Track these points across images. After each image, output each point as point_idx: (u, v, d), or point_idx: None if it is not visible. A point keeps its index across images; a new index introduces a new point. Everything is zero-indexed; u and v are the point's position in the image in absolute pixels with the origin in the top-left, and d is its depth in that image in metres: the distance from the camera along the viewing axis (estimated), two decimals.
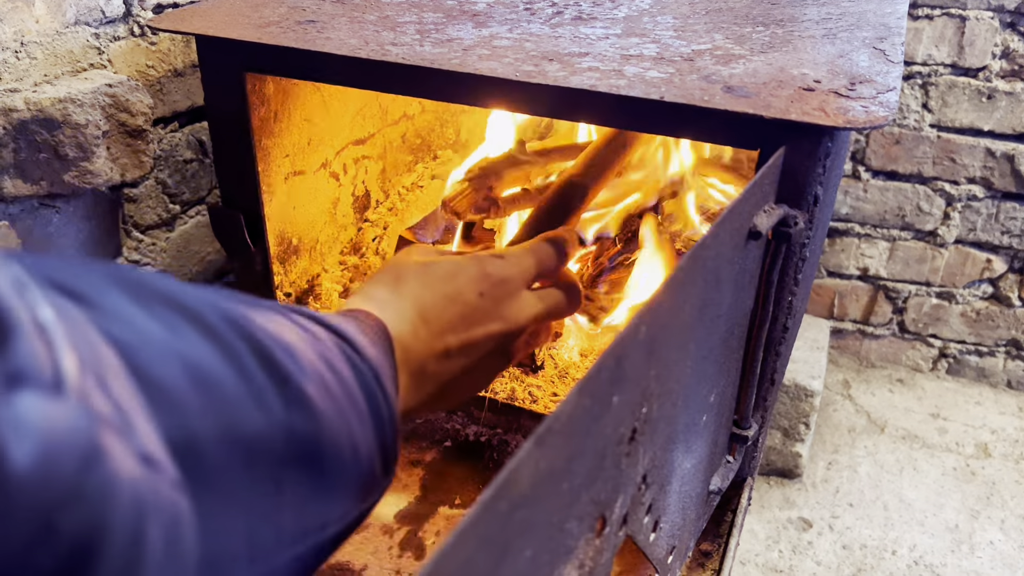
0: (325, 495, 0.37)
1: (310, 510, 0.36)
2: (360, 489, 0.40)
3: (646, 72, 0.66)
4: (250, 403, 0.32)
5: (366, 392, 0.41)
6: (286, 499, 0.34)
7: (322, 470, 0.36)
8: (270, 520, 0.34)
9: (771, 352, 0.71)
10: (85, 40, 0.95)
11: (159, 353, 0.29)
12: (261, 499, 0.33)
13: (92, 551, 0.23)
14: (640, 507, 0.51)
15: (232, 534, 0.31)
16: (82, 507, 0.23)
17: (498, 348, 0.56)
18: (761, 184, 0.58)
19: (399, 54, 0.70)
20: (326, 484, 0.37)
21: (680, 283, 0.45)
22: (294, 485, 0.35)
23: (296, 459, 0.34)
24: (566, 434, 0.34)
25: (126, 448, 0.25)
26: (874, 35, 0.77)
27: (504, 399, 0.89)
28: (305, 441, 0.35)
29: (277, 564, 0.34)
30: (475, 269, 0.55)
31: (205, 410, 0.30)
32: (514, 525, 0.31)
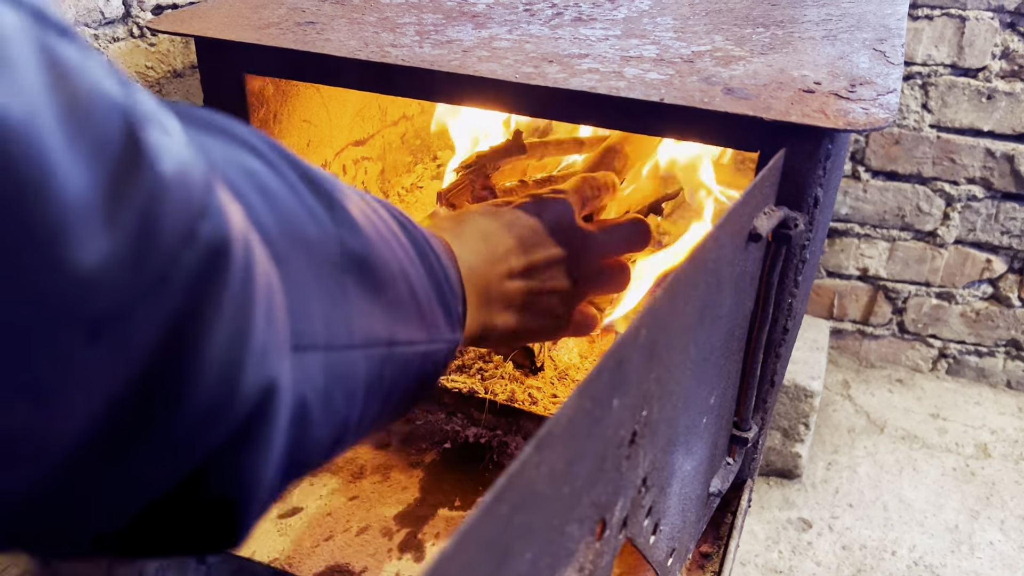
0: (385, 310, 0.39)
1: (374, 319, 0.38)
2: (421, 322, 0.43)
3: (646, 74, 0.66)
4: (302, 212, 0.35)
5: (415, 245, 0.44)
6: (352, 301, 0.37)
7: (378, 287, 0.39)
8: (341, 314, 0.36)
9: (771, 354, 0.71)
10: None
11: (221, 156, 0.32)
12: (330, 293, 0.35)
13: (223, 259, 0.26)
14: (640, 510, 0.51)
15: (310, 313, 0.34)
16: (212, 220, 0.26)
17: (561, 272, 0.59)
18: (761, 186, 0.58)
19: (399, 55, 0.70)
20: (385, 301, 0.39)
21: (681, 285, 0.45)
22: (356, 292, 0.37)
23: (353, 269, 0.37)
24: (566, 437, 0.34)
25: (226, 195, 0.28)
26: (874, 36, 0.77)
27: (504, 401, 0.88)
28: (358, 257, 0.38)
29: (350, 362, 0.36)
30: (530, 199, 0.60)
31: (264, 209, 0.33)
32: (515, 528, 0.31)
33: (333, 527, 0.78)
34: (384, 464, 0.86)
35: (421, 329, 0.43)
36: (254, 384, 0.28)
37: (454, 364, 0.94)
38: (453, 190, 1.00)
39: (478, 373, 0.93)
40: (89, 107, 0.22)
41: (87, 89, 0.22)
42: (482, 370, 0.93)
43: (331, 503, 0.81)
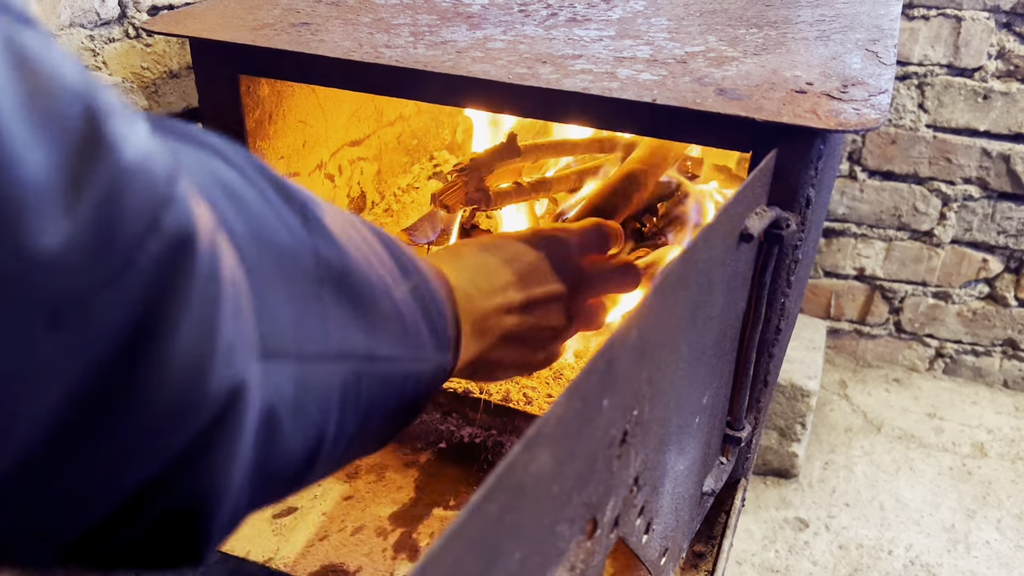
0: (364, 323, 0.38)
1: (352, 331, 0.37)
2: (404, 338, 0.41)
3: (639, 74, 0.66)
4: (274, 220, 0.34)
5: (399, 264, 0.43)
6: (328, 311, 0.36)
7: (357, 298, 0.38)
8: (316, 322, 0.35)
9: (764, 354, 0.71)
10: (80, 42, 0.95)
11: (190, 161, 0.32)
12: (303, 301, 0.34)
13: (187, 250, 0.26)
14: (632, 509, 0.51)
15: (280, 319, 0.33)
16: (175, 210, 0.25)
17: (556, 308, 0.59)
18: (753, 186, 0.58)
19: (393, 56, 0.70)
20: (363, 314, 0.38)
21: (671, 286, 0.45)
22: (333, 301, 0.36)
23: (330, 279, 0.36)
24: (556, 437, 0.35)
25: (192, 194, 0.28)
26: (867, 37, 0.77)
27: (499, 400, 0.89)
28: (335, 267, 0.37)
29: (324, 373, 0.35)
30: (532, 234, 0.60)
31: (234, 214, 0.32)
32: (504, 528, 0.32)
33: (328, 527, 0.78)
34: (379, 464, 0.86)
35: (404, 345, 0.42)
36: (221, 384, 0.28)
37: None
38: (446, 192, 1.00)
39: None
40: (50, 93, 0.22)
41: (48, 75, 0.22)
42: None
43: (326, 503, 0.81)
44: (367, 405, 0.39)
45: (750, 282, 0.65)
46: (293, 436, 0.34)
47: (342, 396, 0.37)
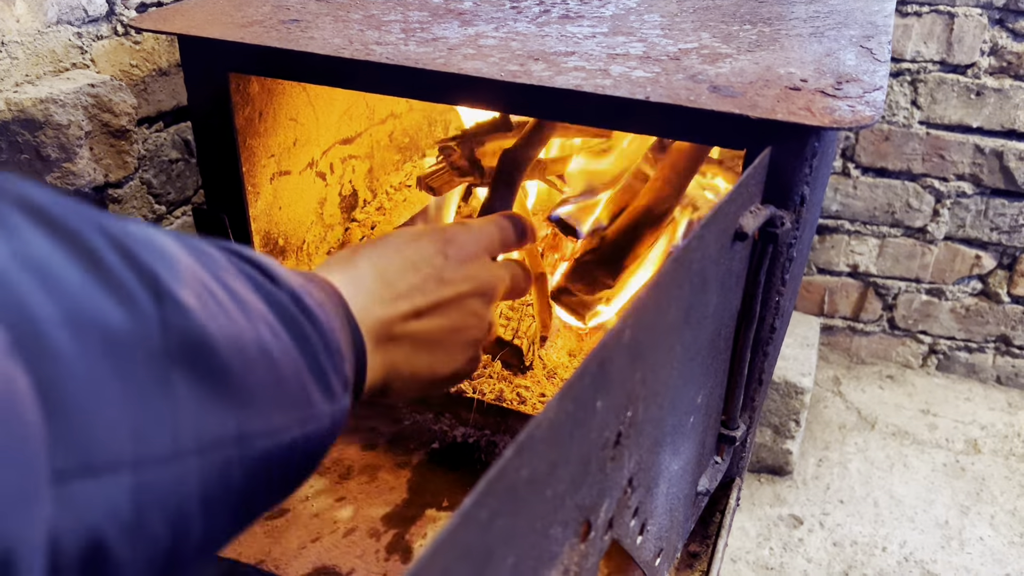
0: (232, 400, 0.33)
1: (214, 414, 0.33)
2: (290, 407, 0.37)
3: (632, 71, 0.66)
4: (105, 293, 0.29)
5: (279, 312, 0.38)
6: (180, 400, 0.31)
7: (220, 374, 0.33)
8: (162, 418, 0.30)
9: (758, 352, 0.71)
10: (67, 39, 0.94)
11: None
12: (144, 395, 0.29)
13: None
14: (626, 510, 0.51)
15: (108, 424, 0.28)
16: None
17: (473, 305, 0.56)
18: (747, 184, 0.58)
19: (383, 54, 0.69)
20: (231, 389, 0.33)
21: (665, 285, 0.44)
22: (187, 386, 0.31)
23: (183, 356, 0.31)
24: (549, 440, 0.34)
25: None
26: (861, 34, 0.77)
27: (492, 400, 0.88)
28: (190, 339, 0.32)
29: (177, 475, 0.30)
30: (436, 235, 0.56)
31: (45, 298, 0.27)
32: (495, 533, 0.31)
33: (320, 528, 0.77)
34: (371, 465, 0.85)
35: (287, 409, 0.37)
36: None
37: None
38: (432, 174, 0.99)
39: None
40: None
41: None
42: None
43: (318, 504, 0.80)
44: (244, 492, 0.35)
45: (744, 281, 0.65)
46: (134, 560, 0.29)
47: (203, 496, 0.32)
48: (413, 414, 0.92)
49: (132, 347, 0.29)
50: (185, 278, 0.33)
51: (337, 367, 0.42)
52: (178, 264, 0.33)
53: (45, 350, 0.26)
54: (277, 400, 0.36)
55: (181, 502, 0.31)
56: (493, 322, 0.59)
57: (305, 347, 0.39)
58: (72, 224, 0.30)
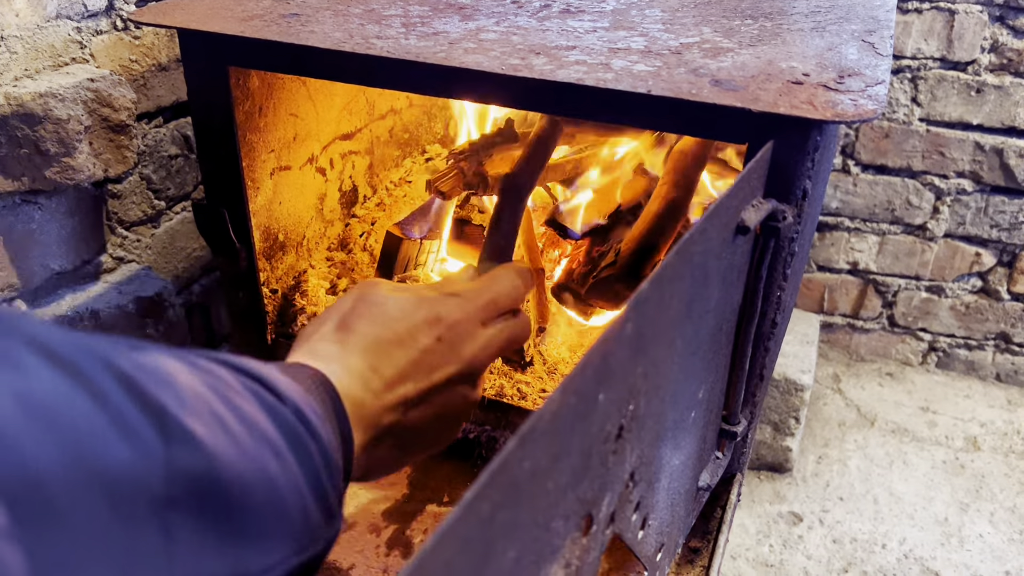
0: (235, 539, 0.33)
1: (215, 557, 0.32)
2: (291, 537, 0.37)
3: (633, 66, 0.66)
4: (110, 431, 0.29)
5: (285, 432, 0.38)
6: (180, 546, 0.30)
7: (228, 513, 0.32)
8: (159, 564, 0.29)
9: (760, 348, 0.71)
10: (67, 34, 0.93)
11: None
12: (142, 546, 0.29)
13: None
14: (628, 505, 0.50)
15: None
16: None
17: (461, 389, 0.53)
18: (749, 178, 0.57)
19: (384, 47, 0.69)
20: (233, 530, 0.33)
21: (667, 279, 0.44)
22: (189, 529, 0.31)
23: (188, 499, 0.31)
24: (551, 433, 0.34)
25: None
26: (863, 28, 0.77)
27: (493, 396, 0.88)
28: (196, 479, 0.31)
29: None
30: (428, 312, 0.52)
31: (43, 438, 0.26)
32: (497, 526, 0.31)
33: None
34: None
35: (286, 544, 0.36)
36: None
37: None
38: (441, 178, 0.99)
39: None
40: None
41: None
42: None
43: None
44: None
45: (746, 275, 0.65)
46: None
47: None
48: None
49: (135, 490, 0.29)
50: (192, 405, 0.33)
51: (336, 484, 0.41)
52: (184, 392, 0.33)
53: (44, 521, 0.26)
54: (279, 532, 0.36)
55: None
56: (478, 398, 0.57)
57: (309, 467, 0.39)
58: (80, 361, 0.29)
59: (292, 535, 0.37)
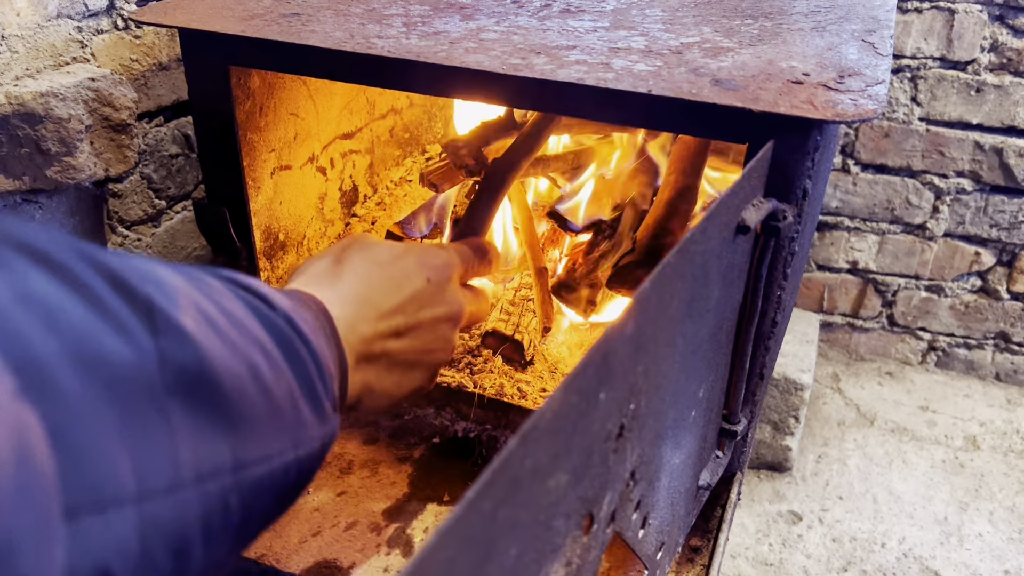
0: (229, 429, 0.34)
1: (212, 444, 0.33)
2: (282, 431, 0.38)
3: (634, 65, 0.66)
4: (104, 328, 0.30)
5: (274, 335, 0.39)
6: (177, 430, 0.32)
7: (216, 403, 0.34)
8: (161, 450, 0.31)
9: (760, 347, 0.71)
10: (67, 33, 0.94)
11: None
12: (144, 428, 0.30)
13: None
14: (628, 504, 0.51)
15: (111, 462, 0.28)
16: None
17: (443, 330, 0.58)
18: (750, 178, 0.58)
19: (385, 47, 0.69)
20: (227, 417, 0.34)
21: (668, 278, 0.44)
22: (184, 416, 0.32)
23: (181, 388, 0.32)
24: (552, 431, 0.34)
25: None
26: (863, 28, 0.77)
27: (493, 395, 0.88)
28: (188, 370, 0.33)
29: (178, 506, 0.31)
30: (419, 257, 0.57)
31: (46, 335, 0.28)
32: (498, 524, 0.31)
33: (321, 522, 0.77)
34: (372, 459, 0.85)
35: (281, 435, 0.38)
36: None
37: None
38: (433, 170, 0.99)
39: (467, 367, 0.92)
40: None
41: None
42: (471, 364, 0.93)
43: (319, 498, 0.80)
44: (240, 518, 0.35)
45: (746, 275, 0.65)
46: None
47: (205, 524, 0.33)
48: (414, 409, 0.92)
49: (132, 380, 0.30)
50: (182, 304, 0.34)
51: (328, 388, 0.43)
52: (175, 292, 0.34)
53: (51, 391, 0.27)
54: (272, 425, 0.37)
55: (183, 532, 0.31)
56: (456, 346, 0.62)
57: (300, 369, 0.40)
58: (70, 263, 0.30)
59: (285, 430, 0.38)
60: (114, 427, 0.29)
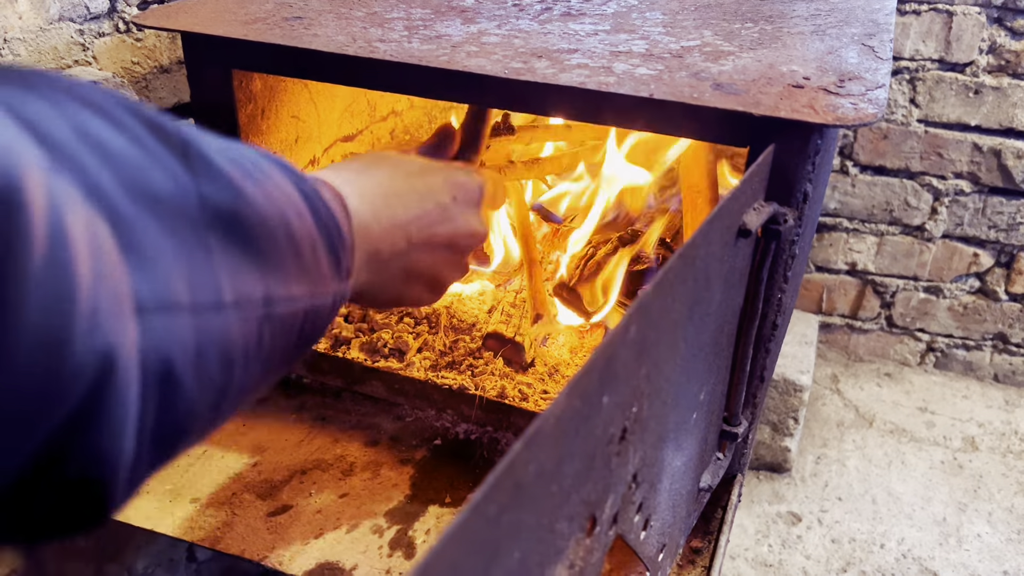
0: (260, 266, 0.37)
1: (246, 277, 0.36)
2: (303, 275, 0.40)
3: (635, 69, 0.66)
4: (149, 165, 0.32)
5: (303, 194, 0.41)
6: (217, 259, 0.34)
7: (250, 241, 0.36)
8: (207, 272, 0.33)
9: (760, 349, 0.71)
10: (69, 36, 0.94)
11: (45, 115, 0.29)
12: (191, 252, 0.33)
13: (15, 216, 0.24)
14: (631, 506, 0.51)
15: (168, 273, 0.31)
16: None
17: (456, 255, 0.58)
18: (751, 181, 0.58)
19: (387, 51, 0.69)
20: (258, 256, 0.37)
21: (670, 282, 0.45)
22: (223, 249, 0.34)
23: (218, 223, 0.34)
24: (556, 435, 0.34)
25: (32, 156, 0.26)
26: (863, 31, 0.77)
27: (494, 397, 0.88)
28: (223, 208, 0.35)
29: (223, 324, 0.34)
30: (448, 174, 0.57)
31: (100, 167, 0.30)
32: (503, 528, 0.31)
33: (323, 524, 0.78)
34: (374, 461, 0.85)
35: (303, 284, 0.40)
36: (86, 354, 0.26)
37: (445, 360, 0.94)
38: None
39: (468, 369, 0.93)
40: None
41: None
42: (472, 366, 0.93)
43: (321, 500, 0.80)
44: (268, 350, 0.38)
45: (747, 278, 0.65)
46: (196, 389, 0.33)
47: (244, 345, 0.36)
48: (415, 411, 0.92)
49: (177, 211, 0.32)
50: (221, 151, 0.36)
51: (346, 254, 0.45)
52: (211, 143, 0.37)
53: (113, 212, 0.29)
54: (297, 271, 0.39)
55: (228, 348, 0.34)
56: (467, 268, 0.61)
57: (324, 230, 0.42)
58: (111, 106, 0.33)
59: (305, 279, 0.40)
60: (166, 244, 0.31)
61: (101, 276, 0.27)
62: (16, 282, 0.24)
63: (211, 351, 0.33)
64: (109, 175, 0.30)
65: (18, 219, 0.24)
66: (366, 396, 0.94)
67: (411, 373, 0.92)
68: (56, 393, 0.26)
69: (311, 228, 0.41)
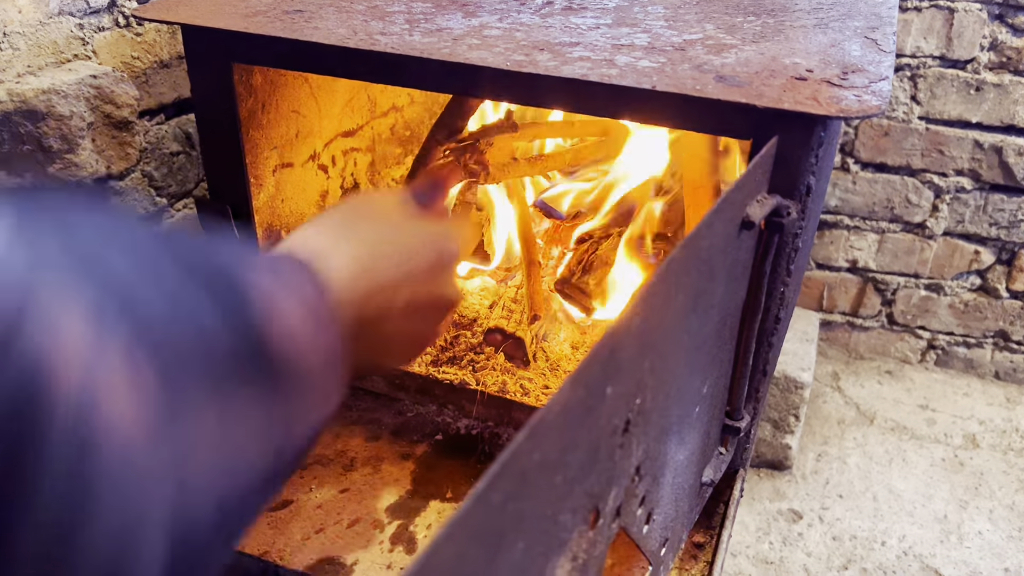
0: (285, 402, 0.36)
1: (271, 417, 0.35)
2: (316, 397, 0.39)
3: (637, 62, 0.66)
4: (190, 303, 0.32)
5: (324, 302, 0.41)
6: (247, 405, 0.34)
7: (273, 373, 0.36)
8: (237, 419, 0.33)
9: (763, 343, 0.71)
10: (69, 31, 0.93)
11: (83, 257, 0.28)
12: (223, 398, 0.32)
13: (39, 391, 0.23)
14: (634, 499, 0.51)
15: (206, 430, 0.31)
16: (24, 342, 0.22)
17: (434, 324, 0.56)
18: (754, 174, 0.58)
19: (388, 44, 0.69)
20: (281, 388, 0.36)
21: (673, 273, 0.44)
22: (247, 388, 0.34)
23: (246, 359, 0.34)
24: (560, 426, 0.34)
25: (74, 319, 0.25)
26: (866, 24, 0.77)
27: (495, 392, 0.88)
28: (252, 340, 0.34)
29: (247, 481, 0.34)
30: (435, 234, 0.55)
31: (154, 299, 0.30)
32: (507, 518, 0.31)
33: (324, 520, 0.77)
34: (375, 456, 0.85)
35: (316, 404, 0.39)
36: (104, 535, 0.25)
37: (446, 355, 0.93)
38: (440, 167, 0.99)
39: (469, 364, 0.92)
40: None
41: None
42: (473, 362, 0.93)
43: (322, 496, 0.80)
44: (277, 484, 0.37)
45: (750, 271, 0.65)
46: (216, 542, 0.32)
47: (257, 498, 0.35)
48: (416, 406, 0.92)
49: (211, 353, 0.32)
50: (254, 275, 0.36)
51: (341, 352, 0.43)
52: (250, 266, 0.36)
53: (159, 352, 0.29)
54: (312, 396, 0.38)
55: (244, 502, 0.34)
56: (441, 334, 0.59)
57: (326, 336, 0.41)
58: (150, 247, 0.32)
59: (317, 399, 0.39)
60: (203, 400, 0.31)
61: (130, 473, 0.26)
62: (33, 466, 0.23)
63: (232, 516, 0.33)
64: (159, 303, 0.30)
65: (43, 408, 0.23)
66: (367, 391, 0.94)
67: (412, 368, 0.92)
68: None
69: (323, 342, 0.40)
